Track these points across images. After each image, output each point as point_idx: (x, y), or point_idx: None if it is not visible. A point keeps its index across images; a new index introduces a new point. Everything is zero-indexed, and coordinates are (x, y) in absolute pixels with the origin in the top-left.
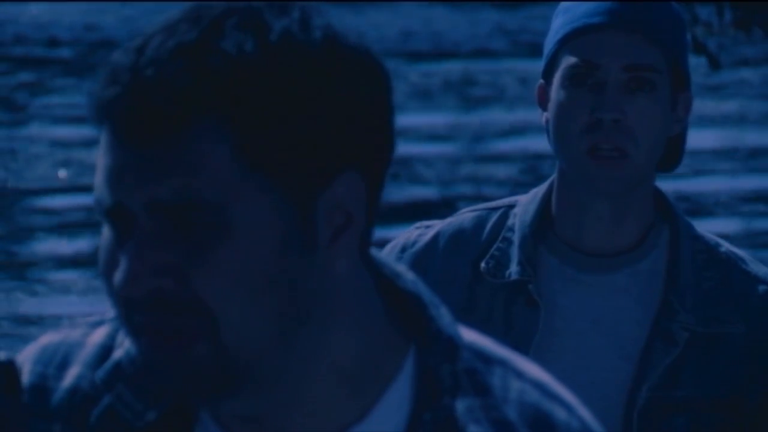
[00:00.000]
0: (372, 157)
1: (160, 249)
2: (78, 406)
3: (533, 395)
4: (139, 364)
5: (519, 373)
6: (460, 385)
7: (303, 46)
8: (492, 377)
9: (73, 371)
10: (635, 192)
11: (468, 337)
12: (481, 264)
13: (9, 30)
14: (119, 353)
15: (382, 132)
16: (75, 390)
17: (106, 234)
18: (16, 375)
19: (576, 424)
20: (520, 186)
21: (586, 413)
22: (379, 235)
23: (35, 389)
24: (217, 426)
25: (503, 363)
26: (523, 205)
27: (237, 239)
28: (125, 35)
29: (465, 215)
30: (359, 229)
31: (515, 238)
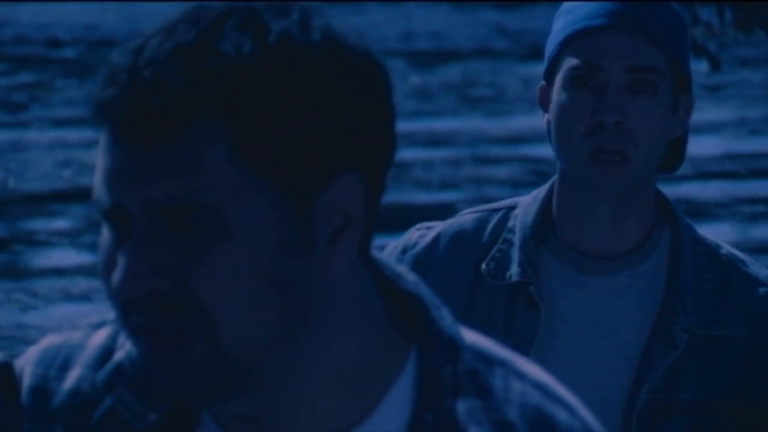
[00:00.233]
0: (372, 158)
1: (157, 250)
2: (79, 408)
3: (534, 397)
4: (140, 365)
5: (520, 375)
6: (461, 387)
7: (302, 47)
8: (493, 378)
9: (74, 373)
10: (636, 194)
11: (469, 339)
12: (482, 265)
13: (9, 30)
14: (120, 355)
15: (382, 133)
16: (76, 392)
17: (105, 234)
18: (13, 377)
19: (577, 425)
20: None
21: (587, 414)
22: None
23: (36, 391)
24: (218, 427)
25: (504, 364)
26: (524, 207)
27: (235, 240)
28: (126, 35)
29: (466, 216)
30: (358, 231)
31: (516, 239)
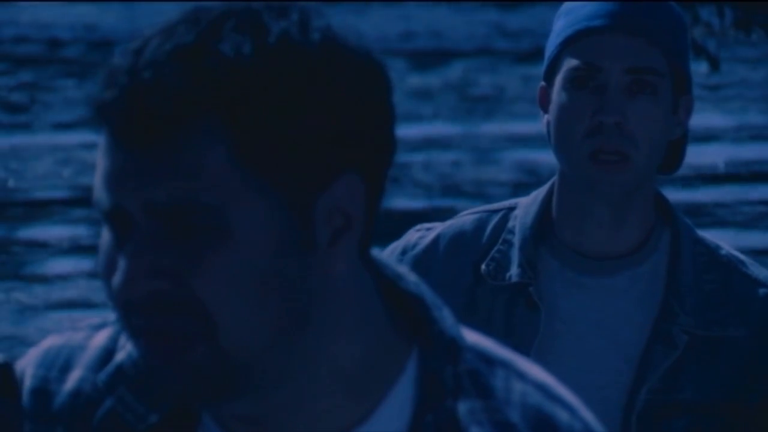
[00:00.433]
0: (372, 159)
1: (157, 251)
2: (80, 409)
3: (535, 397)
4: (141, 366)
5: (521, 375)
6: (462, 387)
7: (301, 48)
8: (494, 379)
9: (76, 374)
10: (636, 195)
11: (470, 339)
12: (482, 266)
13: (9, 30)
14: (121, 356)
15: (382, 134)
16: (77, 393)
17: (105, 236)
18: (13, 378)
19: (578, 426)
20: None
21: (588, 415)
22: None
23: (37, 392)
24: (219, 427)
25: (505, 364)
26: (524, 208)
27: (235, 242)
28: (126, 35)
29: (465, 217)
30: (359, 232)
31: (516, 240)
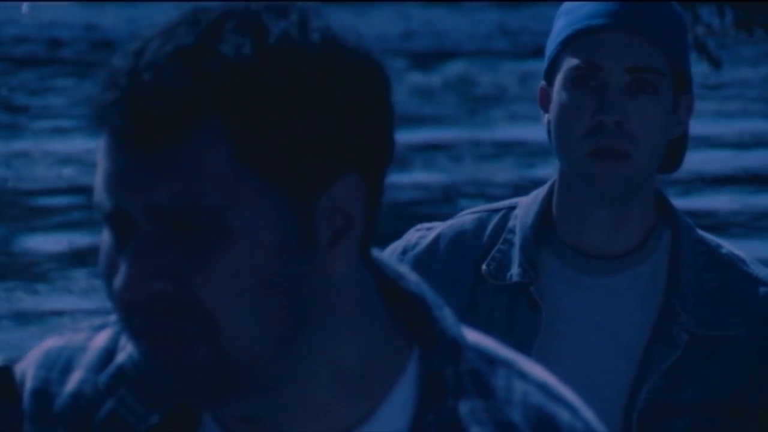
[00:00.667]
0: (372, 159)
1: (159, 253)
2: (81, 410)
3: (537, 397)
4: (141, 367)
5: (522, 375)
6: (463, 387)
7: (301, 48)
8: (495, 378)
9: (76, 375)
10: (636, 194)
11: (472, 339)
12: (483, 266)
13: (9, 30)
14: (122, 357)
15: (382, 133)
16: (78, 394)
17: (105, 237)
18: (13, 381)
19: (580, 425)
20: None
21: (589, 415)
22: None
23: (38, 394)
24: (220, 428)
25: (507, 364)
26: (524, 207)
27: (237, 243)
28: (126, 35)
29: (466, 217)
30: (359, 232)
31: (516, 240)
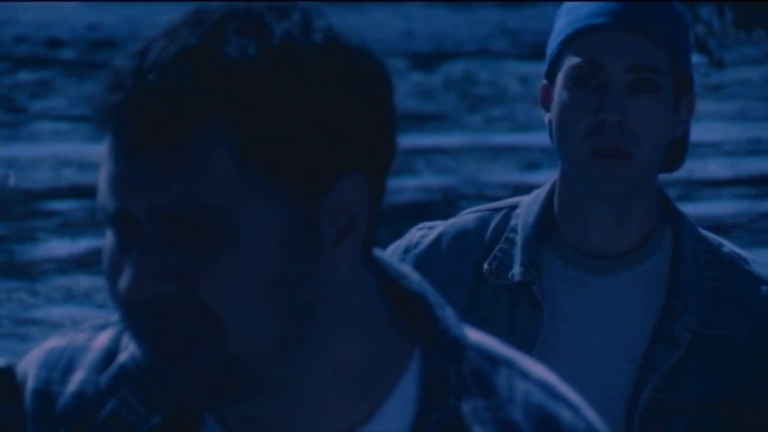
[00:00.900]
0: (375, 159)
1: (164, 255)
2: (83, 410)
3: (539, 396)
4: (144, 368)
5: (524, 374)
6: (465, 386)
7: (305, 49)
8: (497, 378)
9: (78, 376)
10: (638, 193)
11: (474, 338)
12: (484, 265)
13: (9, 30)
14: (124, 357)
15: (384, 133)
16: (80, 395)
17: (109, 239)
18: (15, 382)
19: (582, 425)
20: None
21: (591, 414)
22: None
23: (40, 394)
24: (222, 429)
25: (509, 364)
26: (526, 206)
27: (242, 244)
28: (126, 35)
29: (467, 216)
30: (362, 231)
31: (518, 239)
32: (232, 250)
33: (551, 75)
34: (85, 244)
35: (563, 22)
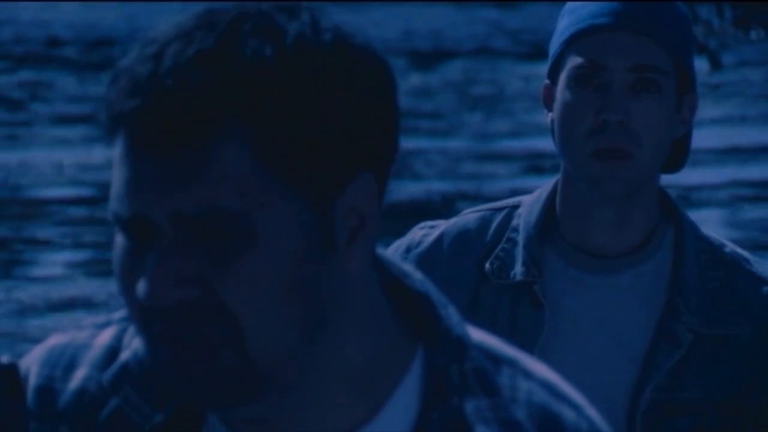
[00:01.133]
0: (383, 157)
1: (184, 259)
2: (85, 408)
3: (541, 395)
4: (148, 366)
5: (527, 373)
6: (468, 385)
7: (316, 49)
8: (500, 377)
9: (80, 373)
10: (640, 194)
11: (476, 337)
12: (486, 264)
13: (9, 28)
14: (126, 355)
15: (391, 131)
16: (82, 392)
17: (120, 243)
18: (18, 379)
19: (584, 424)
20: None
21: (594, 414)
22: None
23: (42, 391)
24: (226, 428)
25: (511, 363)
26: (528, 206)
27: (261, 247)
28: (125, 34)
29: (469, 215)
30: (373, 230)
31: (520, 238)
32: (251, 253)
33: (554, 75)
34: (85, 243)
35: (566, 21)
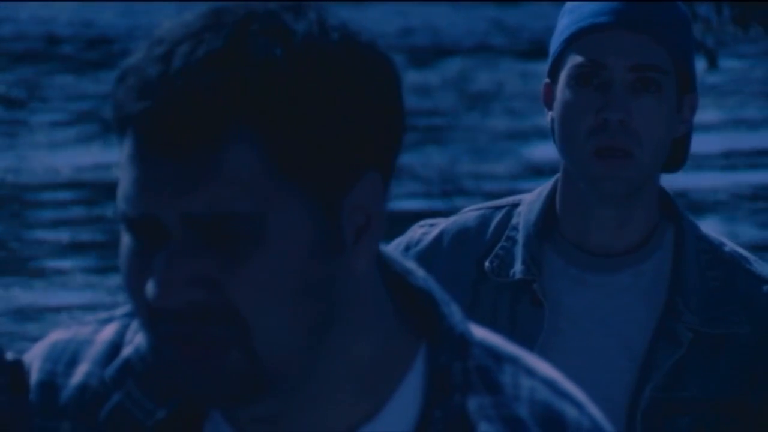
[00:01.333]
0: (389, 156)
1: (194, 260)
2: (87, 403)
3: (544, 393)
4: (151, 363)
5: (529, 371)
6: (471, 383)
7: (324, 48)
8: (503, 375)
9: (82, 368)
10: (640, 193)
11: (478, 335)
12: (486, 263)
13: (8, 26)
14: (128, 351)
15: (397, 130)
16: (84, 387)
17: (126, 243)
18: (23, 375)
19: (586, 422)
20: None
21: (596, 411)
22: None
23: (44, 386)
24: (228, 424)
25: (514, 361)
26: (528, 204)
27: (271, 247)
28: (123, 31)
29: (469, 214)
30: (379, 229)
31: (520, 237)
32: (261, 254)
33: (554, 73)
34: (82, 239)
35: (566, 20)
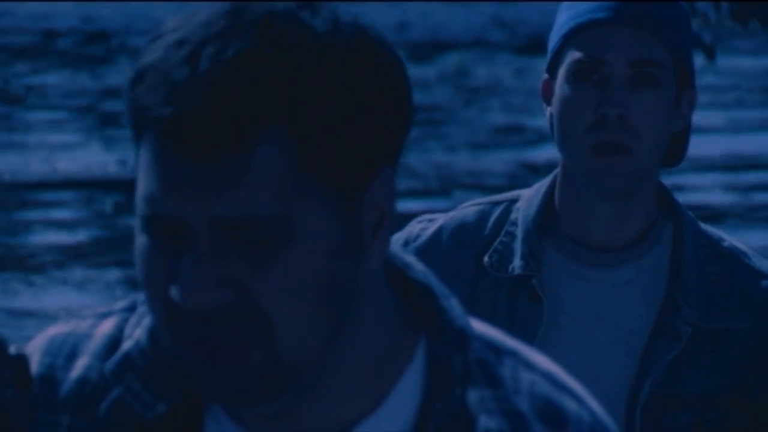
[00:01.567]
0: (400, 152)
1: (223, 262)
2: (87, 397)
3: (544, 387)
4: (152, 357)
5: (529, 365)
6: (471, 376)
7: (341, 46)
8: (503, 368)
9: (82, 362)
10: (639, 188)
11: (478, 328)
12: (485, 258)
13: (6, 21)
14: (128, 345)
15: (408, 125)
16: (84, 381)
17: (145, 243)
18: (27, 369)
19: (586, 415)
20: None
21: (596, 405)
22: None
23: (43, 380)
24: (229, 418)
25: (514, 354)
26: (527, 200)
27: (298, 249)
28: (121, 27)
29: (468, 209)
30: (392, 225)
31: (519, 232)
32: (288, 255)
33: (553, 69)
34: (81, 236)
35: (565, 16)
